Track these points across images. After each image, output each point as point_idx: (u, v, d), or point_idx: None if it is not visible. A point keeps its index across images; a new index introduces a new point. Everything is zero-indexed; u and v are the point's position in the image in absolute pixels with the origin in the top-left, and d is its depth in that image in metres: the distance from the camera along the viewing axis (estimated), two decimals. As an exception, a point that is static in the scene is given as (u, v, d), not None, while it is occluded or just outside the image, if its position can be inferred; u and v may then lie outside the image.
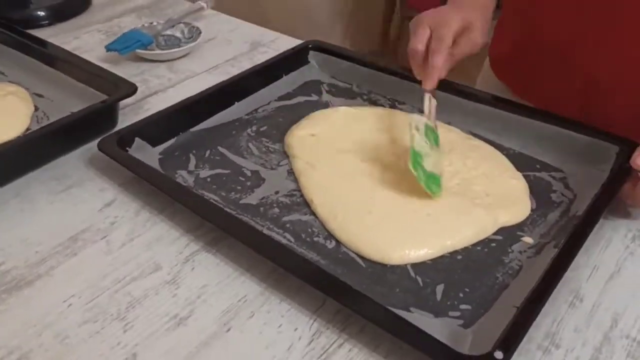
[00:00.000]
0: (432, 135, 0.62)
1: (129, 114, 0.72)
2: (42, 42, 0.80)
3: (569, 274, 0.48)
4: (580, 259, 0.51)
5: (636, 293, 0.50)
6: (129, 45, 0.83)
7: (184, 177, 0.61)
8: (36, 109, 0.71)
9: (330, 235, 0.55)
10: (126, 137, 0.62)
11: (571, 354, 0.45)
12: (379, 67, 0.76)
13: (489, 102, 0.69)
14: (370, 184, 0.59)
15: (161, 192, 0.57)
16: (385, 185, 0.59)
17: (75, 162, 0.64)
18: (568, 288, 0.50)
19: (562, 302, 0.49)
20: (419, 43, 0.64)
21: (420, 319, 0.46)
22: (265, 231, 0.54)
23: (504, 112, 0.67)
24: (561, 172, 0.62)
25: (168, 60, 0.86)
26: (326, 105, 0.74)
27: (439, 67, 0.63)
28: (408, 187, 0.58)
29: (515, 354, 0.41)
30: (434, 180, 0.58)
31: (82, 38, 0.92)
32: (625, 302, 0.49)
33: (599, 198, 0.55)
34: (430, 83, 0.65)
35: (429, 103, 0.65)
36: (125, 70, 0.80)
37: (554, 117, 0.65)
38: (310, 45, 0.81)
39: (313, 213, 0.57)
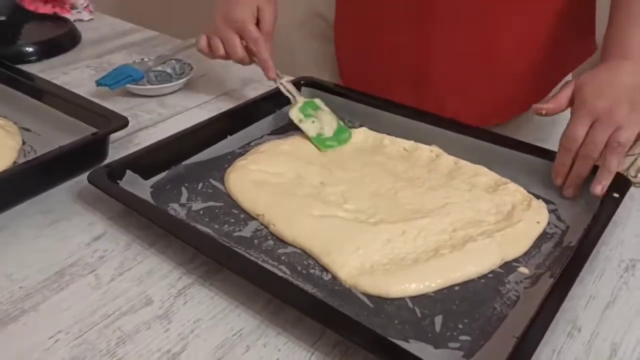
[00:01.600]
0: (309, 106, 0.74)
1: (119, 148, 0.71)
2: (30, 76, 0.79)
3: (565, 304, 0.47)
4: (575, 289, 0.50)
5: (633, 322, 0.49)
6: (119, 80, 0.82)
7: (176, 210, 0.60)
8: (23, 142, 0.69)
9: (325, 268, 0.53)
10: (117, 170, 0.60)
11: (573, 384, 0.44)
12: (372, 104, 0.77)
13: (476, 134, 0.69)
14: (358, 217, 0.58)
15: (152, 226, 0.56)
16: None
17: (62, 195, 0.63)
18: (565, 318, 0.49)
19: (561, 332, 0.48)
20: (238, 52, 0.77)
21: (421, 350, 0.45)
22: (260, 263, 0.53)
23: (492, 145, 0.68)
24: (552, 204, 0.62)
25: (159, 96, 0.85)
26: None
27: (268, 58, 0.76)
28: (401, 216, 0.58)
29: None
30: (340, 132, 0.72)
31: (71, 74, 0.91)
32: (623, 331, 0.48)
33: (591, 228, 0.55)
34: (271, 73, 0.77)
35: (284, 87, 0.76)
36: (115, 105, 0.79)
37: (542, 151, 0.66)
38: (302, 82, 0.81)
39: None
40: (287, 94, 0.75)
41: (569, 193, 0.63)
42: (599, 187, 0.60)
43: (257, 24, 0.77)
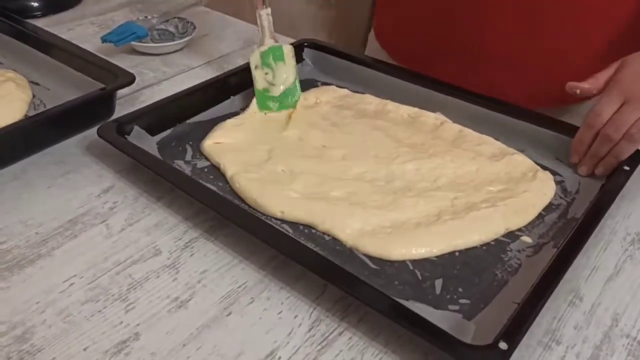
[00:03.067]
0: (273, 53, 0.73)
1: (125, 104, 0.76)
2: (40, 31, 0.84)
3: (568, 274, 0.51)
4: (579, 260, 0.54)
5: (636, 294, 0.53)
6: (124, 37, 0.87)
7: (181, 167, 0.65)
8: (33, 96, 0.74)
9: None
10: (125, 125, 0.66)
11: (572, 350, 0.48)
12: (374, 66, 0.80)
13: (486, 105, 0.73)
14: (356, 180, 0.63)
15: (158, 180, 0.61)
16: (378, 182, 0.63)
17: (72, 149, 0.68)
18: (567, 287, 0.53)
19: (562, 301, 0.52)
20: None
21: (421, 309, 0.49)
22: (264, 220, 0.57)
23: (501, 115, 0.71)
24: (559, 176, 0.66)
25: (162, 54, 0.90)
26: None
27: None
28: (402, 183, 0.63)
29: (517, 348, 0.44)
30: (289, 93, 0.71)
31: (76, 30, 0.96)
32: (625, 303, 0.52)
33: (599, 200, 0.60)
34: None
35: (260, 19, 0.74)
36: (119, 62, 0.83)
37: (552, 122, 0.70)
38: (305, 44, 0.85)
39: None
40: (259, 28, 0.75)
41: (583, 171, 0.66)
42: (601, 169, 0.65)
43: None
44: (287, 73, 0.74)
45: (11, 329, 0.48)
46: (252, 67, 0.73)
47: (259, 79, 0.73)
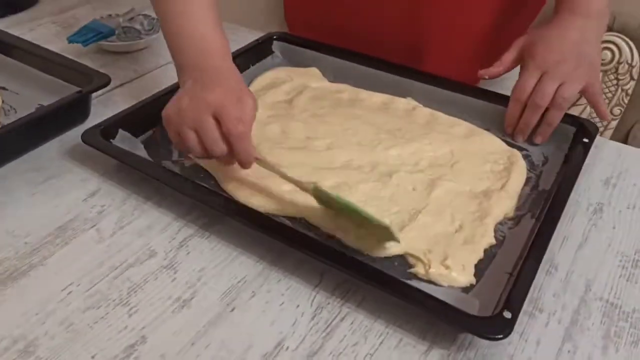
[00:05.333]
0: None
1: (98, 105, 0.71)
2: (2, 34, 0.78)
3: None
4: None
5: (603, 260, 0.54)
6: (90, 37, 0.82)
7: (169, 167, 0.61)
8: (2, 102, 0.69)
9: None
10: (110, 129, 0.62)
11: (554, 316, 0.49)
12: (343, 56, 0.79)
13: (452, 87, 0.73)
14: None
15: (145, 181, 0.58)
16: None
17: (49, 153, 0.64)
18: (544, 258, 0.52)
19: (540, 271, 0.52)
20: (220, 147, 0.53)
21: (424, 287, 0.49)
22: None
23: (466, 97, 0.72)
24: (525, 151, 0.67)
25: (130, 52, 0.86)
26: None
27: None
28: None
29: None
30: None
31: (37, 30, 0.90)
32: (595, 269, 0.53)
33: (566, 174, 0.61)
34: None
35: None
36: (87, 62, 0.79)
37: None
38: (274, 36, 0.83)
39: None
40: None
41: (519, 139, 0.68)
42: (539, 138, 0.68)
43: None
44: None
45: (13, 343, 0.44)
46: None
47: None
